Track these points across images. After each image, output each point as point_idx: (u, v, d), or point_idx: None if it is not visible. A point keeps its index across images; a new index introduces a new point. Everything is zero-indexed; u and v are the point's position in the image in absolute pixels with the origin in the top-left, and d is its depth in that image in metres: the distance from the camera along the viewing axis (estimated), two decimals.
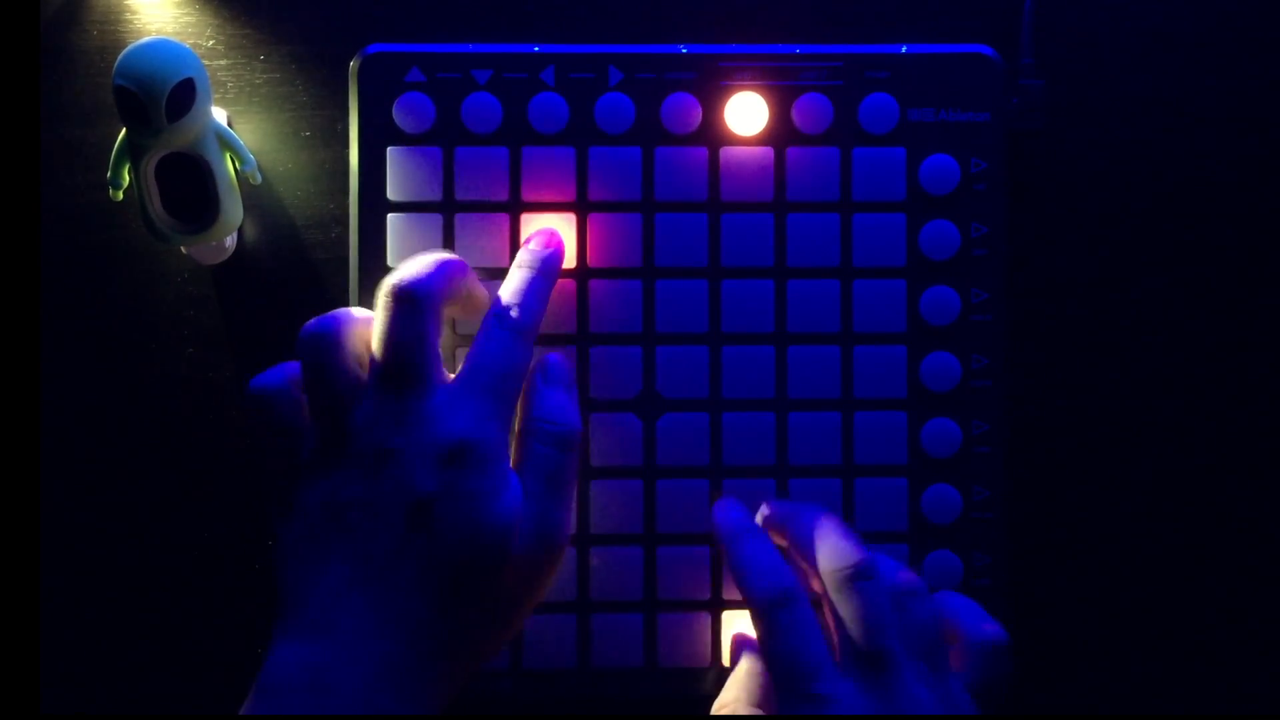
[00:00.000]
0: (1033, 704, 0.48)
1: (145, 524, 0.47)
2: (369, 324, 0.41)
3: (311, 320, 0.41)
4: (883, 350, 0.46)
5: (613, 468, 0.46)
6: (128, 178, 0.45)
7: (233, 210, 0.45)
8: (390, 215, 0.46)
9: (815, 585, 0.42)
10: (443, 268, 0.41)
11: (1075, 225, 0.48)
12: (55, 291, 0.47)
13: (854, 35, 0.47)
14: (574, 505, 0.41)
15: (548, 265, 0.44)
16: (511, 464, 0.41)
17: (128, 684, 0.47)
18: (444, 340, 0.45)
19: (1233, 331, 0.48)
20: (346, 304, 0.46)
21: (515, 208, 0.46)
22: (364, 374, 0.40)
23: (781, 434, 0.46)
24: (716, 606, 0.46)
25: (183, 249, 0.47)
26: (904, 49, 0.46)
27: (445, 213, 0.46)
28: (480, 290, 0.44)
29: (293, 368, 0.41)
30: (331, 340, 0.40)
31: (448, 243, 0.46)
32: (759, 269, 0.46)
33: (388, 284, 0.40)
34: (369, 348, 0.41)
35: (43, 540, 0.47)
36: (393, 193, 0.46)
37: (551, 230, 0.45)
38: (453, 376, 0.41)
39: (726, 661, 0.45)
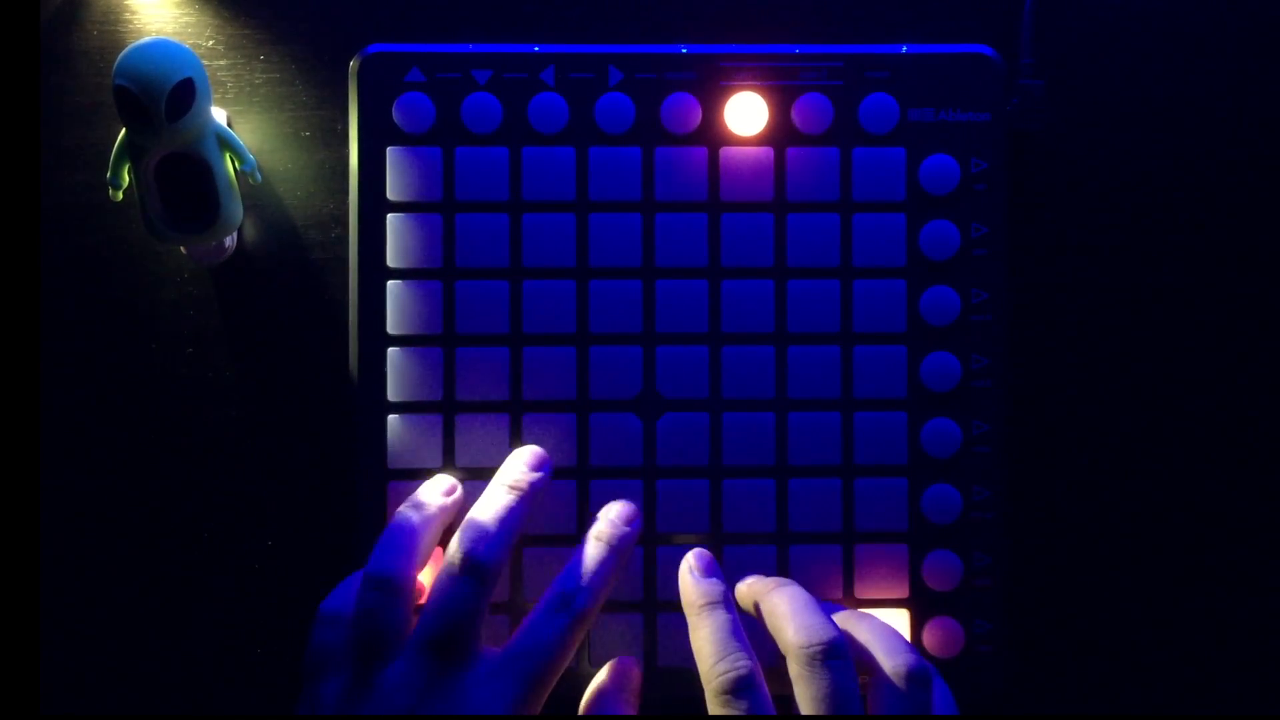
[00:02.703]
0: (1032, 704, 0.48)
1: (145, 523, 0.47)
2: (435, 561, 0.41)
3: (385, 556, 0.40)
4: (883, 350, 0.46)
5: (613, 468, 0.46)
6: (128, 178, 0.44)
7: (233, 210, 0.45)
8: (390, 215, 0.46)
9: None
10: (513, 530, 0.41)
11: (1075, 225, 0.48)
12: (55, 291, 0.47)
13: (854, 35, 0.47)
14: None
15: (623, 543, 0.43)
16: None
17: (128, 684, 0.47)
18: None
19: (1233, 331, 0.48)
20: (346, 304, 0.46)
21: (515, 208, 0.46)
22: (413, 622, 0.40)
23: (781, 434, 0.46)
24: None
25: (183, 249, 0.47)
26: (904, 49, 0.46)
27: (445, 213, 0.46)
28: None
29: (356, 585, 0.41)
30: (393, 587, 0.40)
31: (447, 243, 0.46)
32: (759, 269, 0.46)
33: (461, 550, 0.40)
34: (424, 592, 0.41)
35: (43, 540, 0.47)
36: (392, 193, 0.46)
37: (632, 507, 0.45)
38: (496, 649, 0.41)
39: None
